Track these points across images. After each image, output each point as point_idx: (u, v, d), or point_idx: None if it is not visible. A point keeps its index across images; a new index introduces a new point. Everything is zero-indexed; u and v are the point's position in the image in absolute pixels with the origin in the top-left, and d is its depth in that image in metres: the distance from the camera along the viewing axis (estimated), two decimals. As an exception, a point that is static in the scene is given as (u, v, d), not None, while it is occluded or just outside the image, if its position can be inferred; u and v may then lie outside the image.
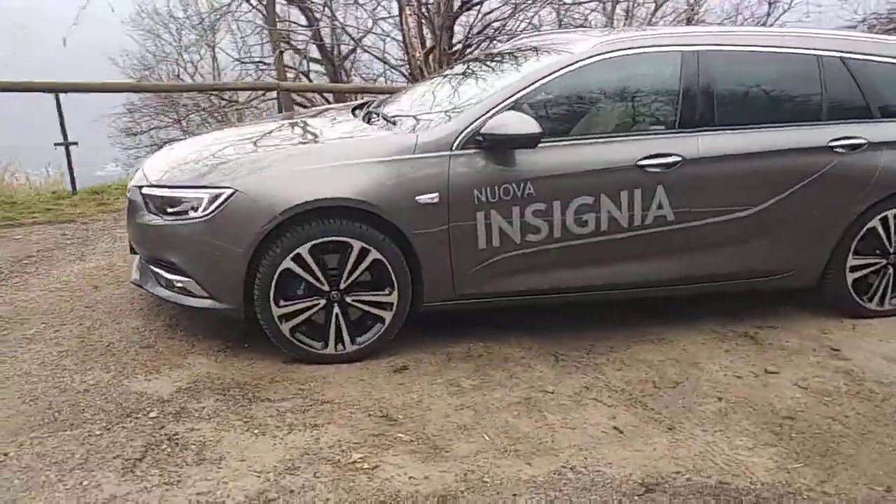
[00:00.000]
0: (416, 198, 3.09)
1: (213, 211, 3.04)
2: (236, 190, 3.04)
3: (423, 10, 10.35)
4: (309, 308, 3.14)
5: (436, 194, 3.10)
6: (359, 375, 3.12)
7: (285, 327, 3.13)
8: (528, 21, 11.26)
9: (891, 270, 3.72)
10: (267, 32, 13.05)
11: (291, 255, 3.04)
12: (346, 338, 3.19)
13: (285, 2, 12.96)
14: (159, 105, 14.67)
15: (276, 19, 12.97)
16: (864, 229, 3.62)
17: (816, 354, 3.40)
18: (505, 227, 3.20)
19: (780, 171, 3.43)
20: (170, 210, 3.14)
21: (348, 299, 3.16)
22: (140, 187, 3.31)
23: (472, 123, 3.17)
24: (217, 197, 3.04)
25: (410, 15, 10.23)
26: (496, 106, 3.20)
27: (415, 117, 3.52)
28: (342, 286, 3.13)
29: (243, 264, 3.02)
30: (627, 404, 2.93)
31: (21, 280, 4.17)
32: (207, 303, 3.16)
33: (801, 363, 3.31)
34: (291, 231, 3.03)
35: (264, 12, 12.92)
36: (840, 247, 3.62)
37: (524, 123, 3.09)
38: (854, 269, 3.68)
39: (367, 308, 3.20)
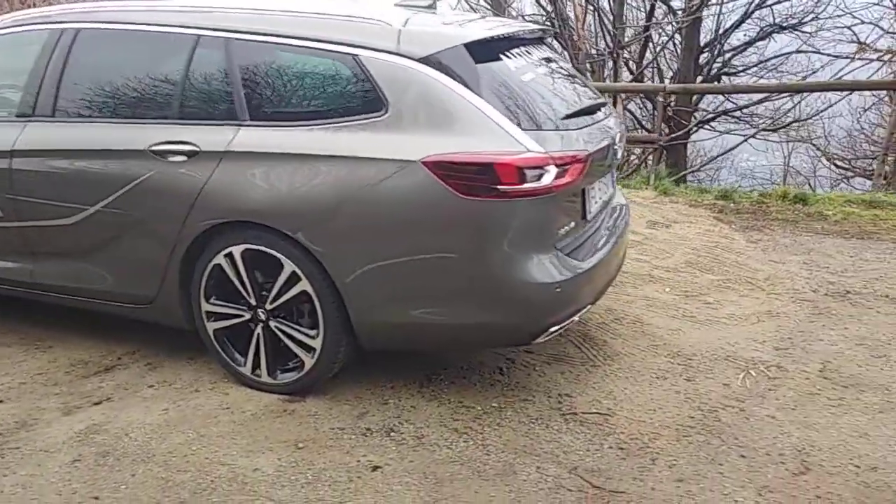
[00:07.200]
0: None
1: None
2: None
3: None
4: None
5: None
6: None
7: None
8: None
9: (259, 329, 2.71)
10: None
11: None
12: None
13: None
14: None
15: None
16: (211, 266, 2.72)
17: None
18: None
19: (94, 176, 2.86)
20: None
21: None
22: None
23: None
24: None
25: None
26: None
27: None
28: None
29: None
30: None
31: None
32: None
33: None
34: None
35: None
36: (187, 284, 2.80)
37: None
38: (213, 317, 2.80)
39: None
